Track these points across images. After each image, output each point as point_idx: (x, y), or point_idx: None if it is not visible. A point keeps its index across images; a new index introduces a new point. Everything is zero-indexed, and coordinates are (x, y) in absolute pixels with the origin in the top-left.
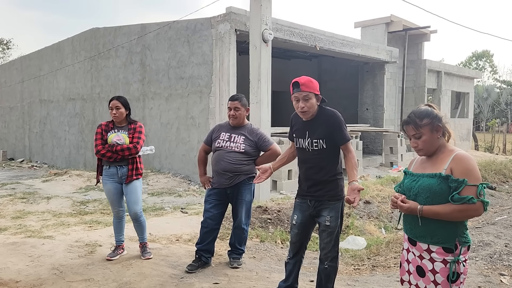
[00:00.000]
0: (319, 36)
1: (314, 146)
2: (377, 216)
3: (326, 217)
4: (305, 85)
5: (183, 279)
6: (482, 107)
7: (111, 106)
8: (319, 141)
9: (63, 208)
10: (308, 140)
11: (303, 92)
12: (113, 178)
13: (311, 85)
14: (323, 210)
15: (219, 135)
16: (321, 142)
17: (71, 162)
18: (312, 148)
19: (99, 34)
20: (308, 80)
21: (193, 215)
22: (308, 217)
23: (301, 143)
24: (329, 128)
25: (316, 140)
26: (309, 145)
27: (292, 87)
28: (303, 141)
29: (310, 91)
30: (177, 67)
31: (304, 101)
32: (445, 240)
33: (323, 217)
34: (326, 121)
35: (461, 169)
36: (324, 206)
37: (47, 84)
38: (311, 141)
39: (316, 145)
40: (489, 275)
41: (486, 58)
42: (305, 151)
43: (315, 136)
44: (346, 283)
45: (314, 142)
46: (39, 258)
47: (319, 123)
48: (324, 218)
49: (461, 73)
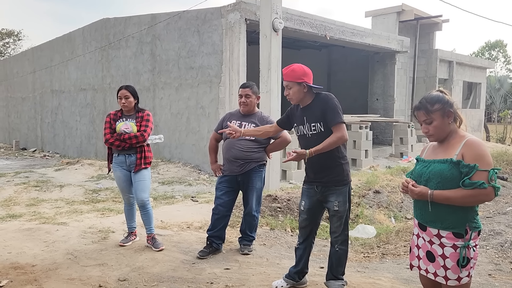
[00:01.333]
0: (329, 25)
1: (313, 130)
2: (386, 205)
3: (334, 202)
4: (287, 74)
5: (195, 265)
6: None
7: (119, 95)
8: (317, 124)
9: (75, 196)
10: (307, 125)
11: (285, 82)
12: (122, 166)
13: (292, 73)
14: (330, 196)
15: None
16: (318, 125)
17: (83, 151)
18: (311, 133)
19: (109, 25)
20: (290, 69)
21: (204, 203)
22: (315, 202)
23: (302, 130)
24: (322, 110)
25: (313, 124)
26: (308, 130)
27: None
28: (303, 128)
29: (290, 80)
30: (187, 57)
31: (287, 89)
32: (455, 225)
33: (331, 203)
34: (321, 105)
35: (472, 155)
36: (331, 192)
37: (59, 75)
38: (309, 125)
39: (314, 129)
40: (499, 263)
41: (499, 48)
42: (306, 138)
43: (312, 120)
44: (356, 270)
45: (312, 126)
46: (54, 244)
47: (315, 107)
48: (332, 204)
49: (473, 63)
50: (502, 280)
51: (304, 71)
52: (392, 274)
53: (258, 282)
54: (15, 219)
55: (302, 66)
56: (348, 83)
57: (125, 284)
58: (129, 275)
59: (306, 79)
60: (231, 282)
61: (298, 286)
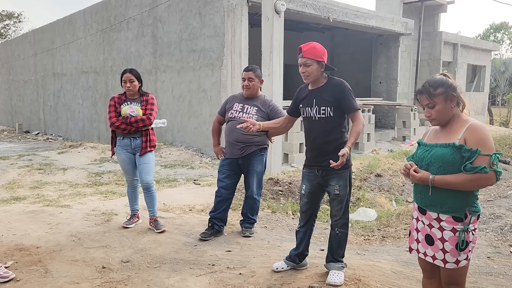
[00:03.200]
0: (332, 7)
1: (322, 114)
2: (388, 189)
3: (335, 186)
4: (307, 51)
5: (197, 247)
6: (498, 81)
7: (124, 79)
8: (327, 109)
9: (79, 179)
10: (315, 108)
11: (303, 58)
12: (127, 149)
13: (313, 51)
14: (331, 180)
15: (232, 105)
16: (329, 110)
17: (85, 135)
18: (319, 116)
19: (110, 6)
20: (311, 47)
21: (206, 187)
22: (316, 186)
23: (308, 112)
24: (337, 97)
25: (324, 107)
26: (316, 113)
27: (298, 53)
28: (310, 110)
29: (310, 57)
30: (188, 40)
31: (305, 67)
32: (455, 209)
33: (331, 187)
34: (334, 90)
35: (474, 139)
36: (332, 176)
37: (60, 57)
38: (318, 108)
39: (324, 112)
40: (499, 246)
41: (504, 30)
42: (312, 120)
43: (322, 104)
44: (356, 252)
45: (322, 109)
46: (58, 226)
47: (327, 91)
48: (333, 188)
49: (478, 45)
50: (501, 263)
51: (324, 50)
52: (391, 256)
53: (259, 264)
54: (19, 202)
55: (321, 45)
56: (351, 66)
57: (128, 265)
58: (132, 256)
59: (325, 59)
60: (233, 264)
61: (298, 268)
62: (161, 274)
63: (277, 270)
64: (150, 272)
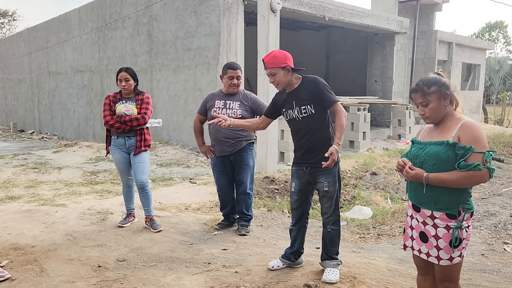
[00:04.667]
0: (328, 6)
1: (303, 113)
2: (383, 187)
3: (323, 183)
4: (269, 62)
5: (193, 245)
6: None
7: (119, 78)
8: (307, 107)
9: (74, 178)
10: (296, 109)
11: (268, 69)
12: (121, 148)
13: (274, 60)
14: (319, 177)
15: (213, 103)
16: (309, 107)
17: (81, 133)
18: (301, 116)
19: (105, 5)
20: (271, 56)
21: (202, 185)
22: (305, 183)
23: (291, 114)
24: (314, 93)
25: (304, 106)
26: (298, 113)
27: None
28: (292, 112)
29: (273, 66)
30: (184, 38)
31: (272, 76)
32: (449, 207)
33: (320, 184)
34: (309, 87)
35: (468, 137)
36: (320, 172)
37: (55, 56)
38: (299, 109)
39: (305, 111)
40: (493, 243)
41: (499, 29)
42: (296, 121)
43: (302, 103)
44: (351, 250)
45: (303, 109)
46: (53, 225)
47: (303, 90)
48: (322, 184)
49: (473, 44)
50: (494, 260)
51: (286, 55)
52: (386, 254)
53: (255, 262)
54: (14, 201)
55: (282, 51)
56: (347, 64)
57: (124, 264)
58: (127, 255)
59: (289, 63)
60: (229, 262)
61: (294, 266)
62: (157, 273)
63: (273, 269)
64: (146, 271)
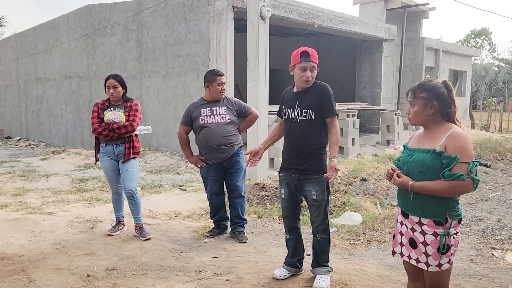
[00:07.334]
0: (317, 13)
1: (303, 116)
2: (373, 193)
3: (312, 191)
4: (314, 56)
5: (183, 253)
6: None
7: (107, 85)
8: (309, 111)
9: (62, 186)
10: (297, 110)
11: (312, 63)
12: (110, 156)
13: (316, 56)
14: (308, 185)
15: (199, 112)
16: (311, 112)
17: (69, 140)
18: (300, 118)
19: (94, 11)
20: (315, 51)
21: (192, 192)
22: (294, 189)
23: (290, 113)
24: (320, 99)
25: (306, 110)
26: (298, 115)
27: (301, 56)
28: (292, 111)
29: (317, 63)
30: (174, 45)
31: (311, 72)
32: (436, 214)
33: (309, 192)
34: (317, 93)
35: (454, 146)
36: (309, 180)
37: (43, 62)
38: (300, 110)
39: (305, 115)
40: (481, 248)
41: (484, 36)
42: (293, 121)
43: (305, 106)
44: (342, 257)
45: (304, 112)
46: (41, 234)
47: (311, 94)
48: (310, 193)
49: (459, 51)
50: (483, 265)
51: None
52: (377, 260)
53: (246, 269)
54: (1, 210)
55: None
56: (336, 71)
57: (114, 273)
58: (117, 264)
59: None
60: (219, 270)
61: (298, 273)
62: (147, 282)
63: (280, 278)
64: (136, 280)
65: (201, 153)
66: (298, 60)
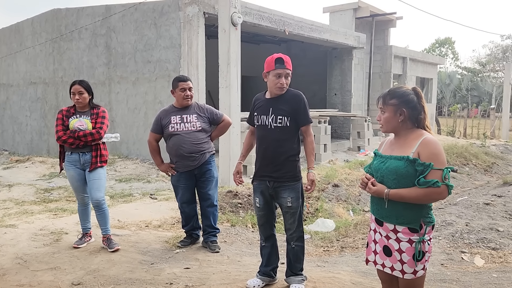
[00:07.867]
0: (288, 20)
1: (278, 123)
2: (345, 199)
3: (287, 198)
4: (288, 63)
5: (153, 265)
6: (444, 93)
7: (73, 91)
8: (284, 118)
9: (26, 196)
10: (272, 117)
11: (286, 70)
12: (76, 165)
13: (290, 62)
14: (282, 192)
15: (169, 120)
16: (286, 119)
17: (34, 148)
18: (275, 125)
19: (61, 15)
20: (289, 58)
21: (163, 201)
22: (269, 197)
23: (263, 120)
24: (294, 107)
25: (281, 116)
26: (273, 121)
27: (275, 63)
28: (266, 118)
29: (291, 70)
30: (144, 51)
31: (286, 78)
32: (410, 221)
33: (284, 199)
34: (292, 100)
35: (427, 153)
36: (284, 188)
37: (6, 67)
38: (275, 117)
39: (280, 122)
40: (451, 252)
41: (448, 45)
42: (267, 128)
43: (279, 113)
44: (316, 264)
45: (279, 118)
46: (1, 248)
47: (285, 101)
48: (285, 200)
49: (425, 59)
50: (453, 269)
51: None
52: (351, 267)
53: (219, 280)
54: None
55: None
56: (307, 77)
57: None
58: (83, 278)
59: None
60: (191, 282)
61: (272, 283)
62: None
63: None
64: None
65: (171, 161)
66: (272, 66)
